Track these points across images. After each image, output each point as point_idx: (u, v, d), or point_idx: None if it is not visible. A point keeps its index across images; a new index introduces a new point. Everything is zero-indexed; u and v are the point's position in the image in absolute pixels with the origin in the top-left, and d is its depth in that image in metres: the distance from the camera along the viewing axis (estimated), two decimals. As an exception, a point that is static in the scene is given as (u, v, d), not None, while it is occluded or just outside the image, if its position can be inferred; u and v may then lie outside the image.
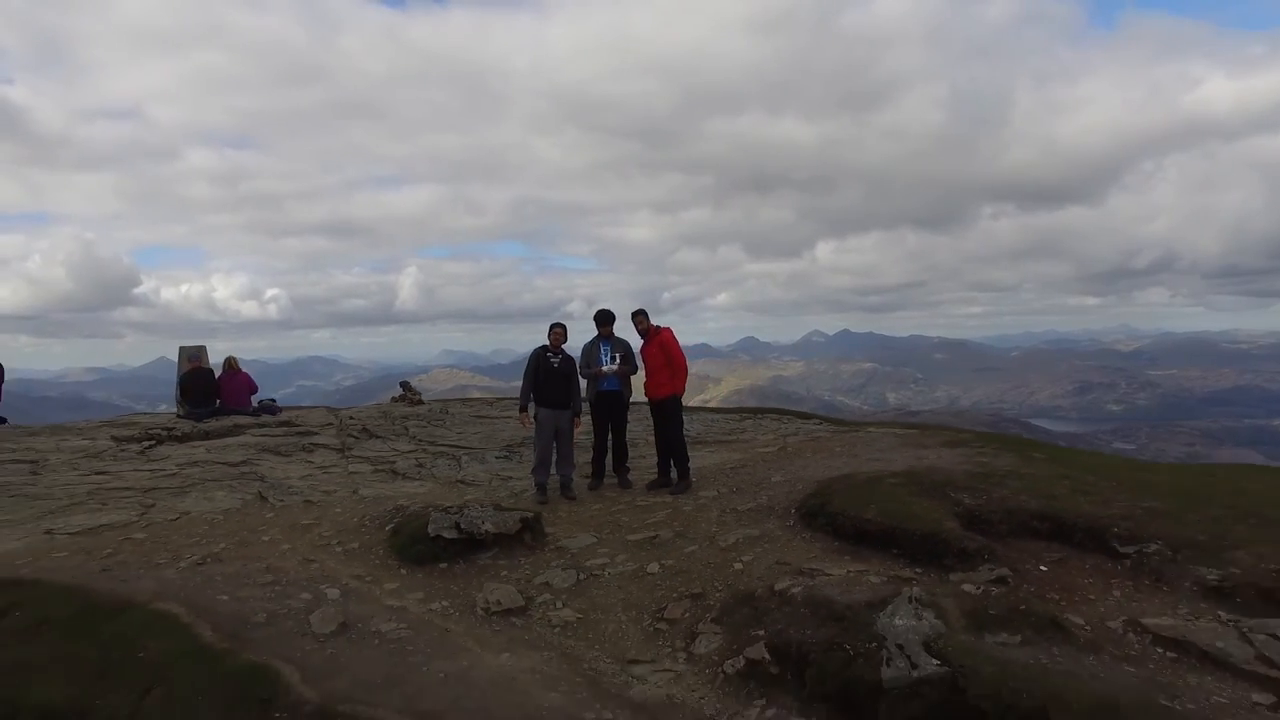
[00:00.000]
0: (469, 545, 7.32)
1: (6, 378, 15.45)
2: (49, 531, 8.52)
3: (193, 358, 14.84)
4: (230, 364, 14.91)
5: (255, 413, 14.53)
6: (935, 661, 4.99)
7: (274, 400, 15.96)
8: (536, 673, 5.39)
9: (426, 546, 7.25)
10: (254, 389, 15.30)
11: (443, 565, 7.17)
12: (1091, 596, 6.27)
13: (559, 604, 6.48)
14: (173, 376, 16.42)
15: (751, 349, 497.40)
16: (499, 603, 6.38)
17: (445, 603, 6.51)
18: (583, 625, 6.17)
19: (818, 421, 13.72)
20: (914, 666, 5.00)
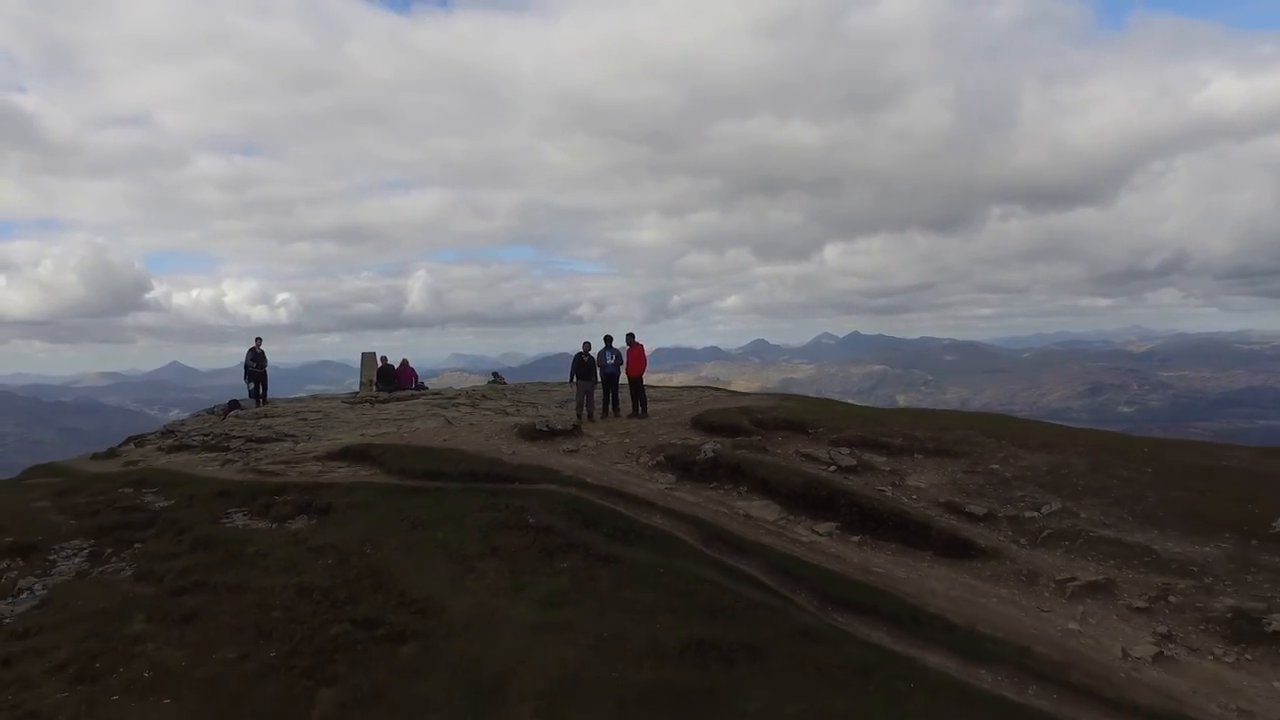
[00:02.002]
0: (551, 434, 17.86)
1: (22, 382, 25.53)
2: (362, 435, 19.18)
3: (382, 358, 25.74)
4: (404, 362, 25.92)
5: (418, 389, 25.30)
6: (713, 454, 15.49)
7: (424, 382, 26.80)
8: (585, 463, 15.92)
9: (534, 434, 17.82)
10: (417, 375, 26.23)
11: (541, 441, 17.71)
12: (790, 447, 16.70)
13: (590, 449, 17.00)
14: (184, 381, 26.91)
15: (762, 351, 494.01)
16: (568, 449, 16.97)
17: (545, 450, 17.07)
18: (599, 456, 16.68)
19: (725, 393, 24.36)
20: (706, 456, 15.50)
